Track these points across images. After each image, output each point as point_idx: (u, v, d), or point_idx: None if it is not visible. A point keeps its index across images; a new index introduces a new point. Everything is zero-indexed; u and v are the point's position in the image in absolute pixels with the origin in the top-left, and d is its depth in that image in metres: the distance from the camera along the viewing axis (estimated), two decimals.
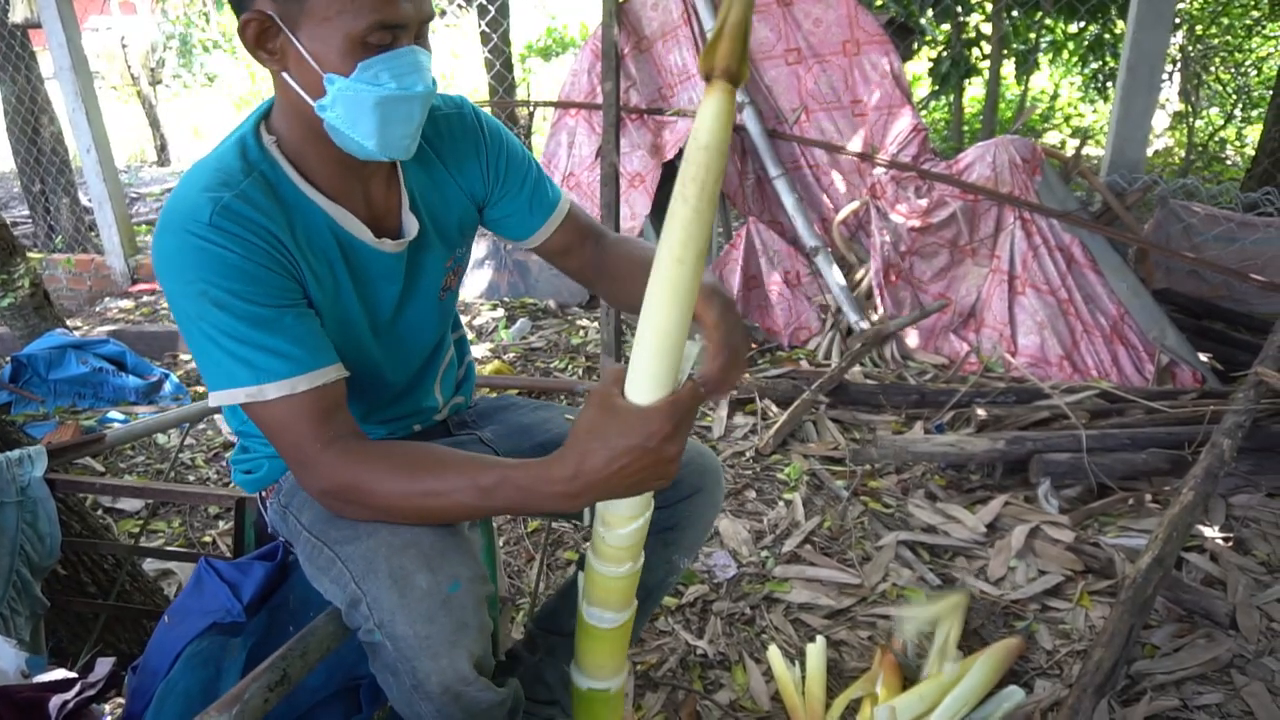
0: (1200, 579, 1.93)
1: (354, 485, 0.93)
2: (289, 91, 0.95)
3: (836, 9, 3.52)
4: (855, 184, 3.64)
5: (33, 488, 1.51)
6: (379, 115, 0.92)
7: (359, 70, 0.90)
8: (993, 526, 2.17)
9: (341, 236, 1.03)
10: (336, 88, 0.91)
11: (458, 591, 0.92)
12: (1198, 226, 3.37)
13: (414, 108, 0.95)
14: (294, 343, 0.93)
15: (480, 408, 1.37)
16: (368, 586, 0.92)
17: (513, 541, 2.15)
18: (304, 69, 0.91)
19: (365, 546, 0.95)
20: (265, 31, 0.91)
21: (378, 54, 0.90)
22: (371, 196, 1.07)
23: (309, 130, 0.98)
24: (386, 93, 0.91)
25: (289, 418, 0.93)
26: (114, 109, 10.55)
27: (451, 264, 1.19)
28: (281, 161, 0.99)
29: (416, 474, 0.93)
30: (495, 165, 1.17)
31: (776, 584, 1.97)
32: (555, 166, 4.09)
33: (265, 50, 0.93)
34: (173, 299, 0.92)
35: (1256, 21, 7.54)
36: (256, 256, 0.92)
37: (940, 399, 2.78)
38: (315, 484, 0.95)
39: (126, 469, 2.65)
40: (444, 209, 1.15)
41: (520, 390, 2.91)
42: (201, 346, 0.92)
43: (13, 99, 5.56)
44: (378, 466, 0.93)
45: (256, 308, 0.91)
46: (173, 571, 2.03)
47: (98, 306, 4.95)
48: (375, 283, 1.08)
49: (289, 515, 1.11)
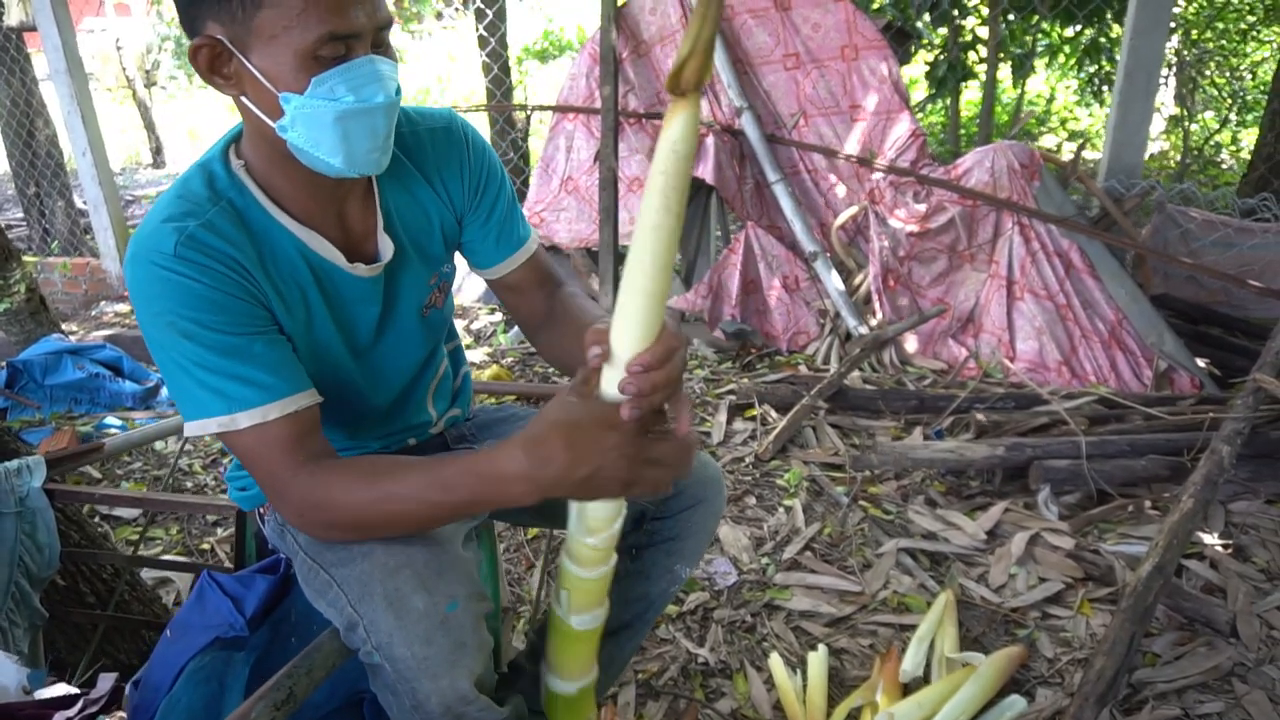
0: (1200, 586, 1.93)
1: (320, 503, 0.93)
2: (250, 115, 0.93)
3: (835, 14, 3.53)
4: (854, 189, 3.64)
5: (31, 498, 1.50)
6: (340, 131, 0.89)
7: (313, 86, 0.86)
8: (993, 533, 2.17)
9: (313, 261, 1.00)
10: (293, 106, 0.87)
11: (455, 611, 0.91)
12: (1195, 232, 3.38)
13: (376, 120, 0.91)
14: (265, 370, 0.92)
15: (479, 420, 1.36)
16: (364, 610, 0.92)
17: (512, 549, 2.15)
18: (259, 91, 0.88)
19: (360, 569, 0.95)
20: (217, 57, 0.88)
21: (332, 67, 0.86)
22: (346, 219, 1.04)
23: (276, 153, 0.95)
24: (344, 107, 0.88)
25: (262, 446, 0.92)
26: (109, 111, 10.52)
27: (435, 281, 1.17)
28: (251, 187, 0.97)
29: (377, 480, 0.92)
30: (476, 182, 1.15)
31: (777, 591, 1.96)
32: (553, 170, 4.09)
33: (220, 76, 0.90)
34: (144, 328, 0.92)
35: (1251, 26, 7.56)
36: (223, 285, 0.90)
37: (939, 404, 2.79)
38: (289, 510, 0.95)
39: (123, 475, 2.65)
40: (425, 225, 1.12)
41: (518, 396, 2.90)
42: (173, 376, 0.92)
43: (7, 102, 5.54)
44: (339, 480, 0.93)
45: (225, 336, 0.90)
46: (171, 579, 2.02)
47: (93, 310, 4.93)
48: (351, 307, 1.06)
49: (286, 534, 1.10)
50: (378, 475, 0.92)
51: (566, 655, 1.09)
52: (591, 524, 0.95)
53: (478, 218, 1.16)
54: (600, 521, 0.94)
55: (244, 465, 0.95)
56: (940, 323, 3.36)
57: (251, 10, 0.83)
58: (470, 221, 1.16)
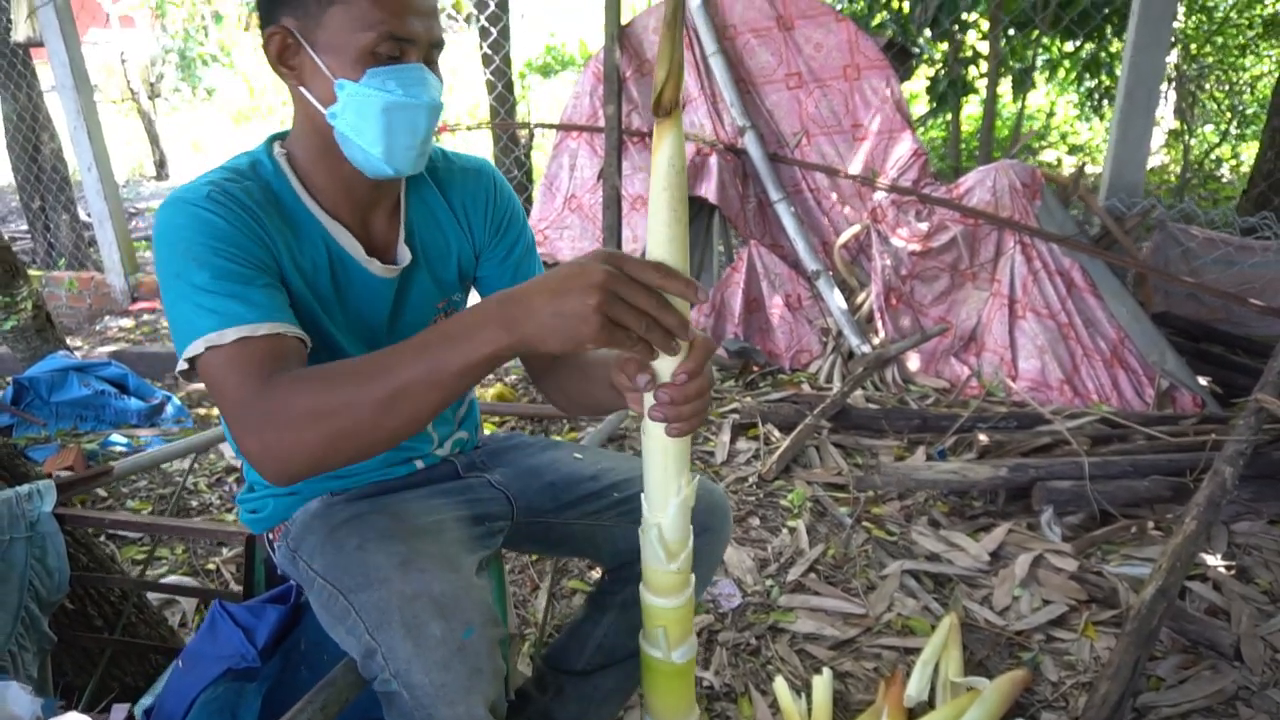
0: (1204, 609, 1.93)
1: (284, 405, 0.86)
2: (305, 104, 1.01)
3: (837, 34, 3.55)
4: (856, 208, 3.66)
5: (42, 522, 1.51)
6: (385, 121, 0.97)
7: (367, 76, 0.96)
8: (996, 555, 2.17)
9: (334, 250, 1.06)
10: (346, 93, 0.96)
11: (471, 637, 0.92)
12: (1196, 250, 3.39)
13: (419, 117, 0.99)
14: (262, 297, 0.94)
15: (489, 448, 1.37)
16: (382, 637, 0.93)
17: (517, 570, 2.15)
18: (318, 79, 0.98)
19: (378, 595, 0.95)
20: (286, 47, 0.98)
21: (387, 65, 0.96)
22: (371, 224, 1.11)
23: (322, 145, 1.03)
24: (393, 99, 0.96)
25: (241, 360, 0.89)
26: (113, 123, 10.56)
27: (445, 306, 1.20)
28: (289, 175, 1.05)
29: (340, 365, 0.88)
30: (499, 222, 1.21)
31: (782, 614, 1.97)
32: (557, 188, 4.11)
33: (285, 65, 1.00)
34: (160, 264, 0.95)
35: (1250, 41, 7.61)
36: (241, 226, 0.96)
37: (942, 424, 2.80)
38: (253, 428, 0.87)
39: (129, 493, 2.65)
40: (443, 249, 1.18)
41: (521, 417, 2.91)
42: (177, 307, 0.93)
43: (14, 116, 5.58)
44: (303, 376, 0.89)
45: (233, 265, 0.94)
46: (178, 601, 2.03)
47: (98, 325, 4.95)
48: (361, 302, 1.11)
49: (299, 560, 1.10)
50: (341, 363, 0.89)
51: (675, 695, 1.08)
52: (672, 547, 0.97)
53: (496, 255, 1.22)
54: (678, 543, 0.97)
55: (217, 392, 0.90)
56: (942, 341, 3.37)
57: (325, 7, 0.95)
58: (488, 258, 1.22)
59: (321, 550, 1.07)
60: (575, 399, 1.19)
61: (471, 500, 1.20)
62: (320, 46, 0.97)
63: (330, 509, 1.13)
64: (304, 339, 0.97)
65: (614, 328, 0.78)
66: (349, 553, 1.02)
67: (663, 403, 0.86)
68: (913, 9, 6.08)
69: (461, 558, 1.04)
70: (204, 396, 3.57)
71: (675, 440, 0.90)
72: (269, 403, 0.86)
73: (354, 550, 1.02)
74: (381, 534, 1.04)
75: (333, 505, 1.14)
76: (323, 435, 0.84)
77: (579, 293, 0.76)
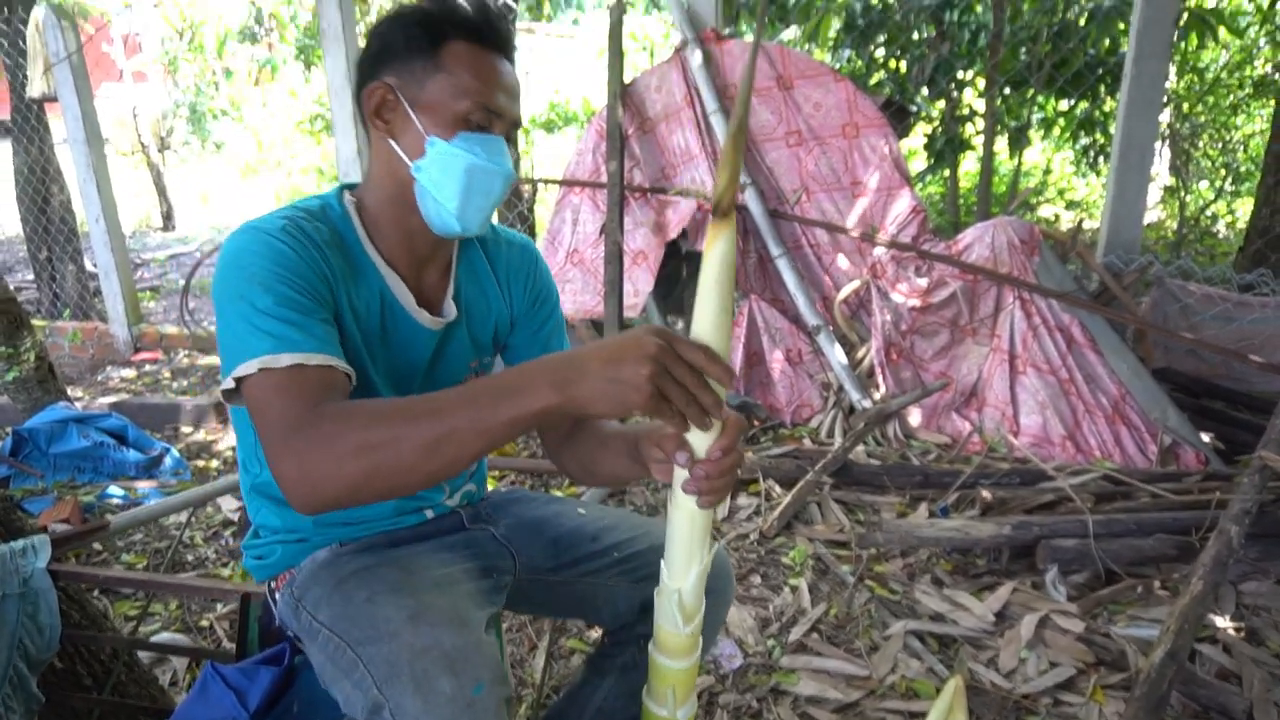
0: (1215, 672, 1.90)
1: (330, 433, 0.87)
2: (389, 156, 1.09)
3: (836, 93, 3.62)
4: (856, 263, 3.69)
5: (35, 579, 1.49)
6: (465, 181, 1.05)
7: (459, 138, 1.05)
8: (1001, 615, 2.14)
9: (387, 297, 1.12)
10: (436, 149, 1.05)
11: (481, 694, 0.91)
12: (1194, 306, 3.41)
13: (495, 182, 1.08)
14: (320, 330, 0.98)
15: (493, 500, 1.37)
16: (390, 691, 0.91)
17: (514, 629, 2.12)
18: (410, 134, 1.06)
19: (387, 649, 0.94)
20: (385, 102, 1.07)
21: (476, 131, 1.06)
22: (424, 277, 1.17)
23: (395, 195, 1.10)
24: (477, 161, 1.05)
25: (293, 385, 0.92)
26: (122, 175, 10.71)
27: (476, 366, 1.26)
28: (356, 222, 1.12)
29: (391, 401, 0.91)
30: (536, 295, 1.29)
31: (784, 675, 1.93)
32: (559, 243, 4.15)
33: (380, 118, 1.08)
34: (222, 285, 0.98)
35: (1241, 101, 7.74)
36: (311, 261, 1.01)
37: (944, 480, 2.78)
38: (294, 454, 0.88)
39: (125, 547, 2.63)
40: (484, 312, 1.25)
41: (520, 472, 2.91)
42: (234, 328, 0.96)
43: (24, 169, 5.66)
44: (353, 405, 0.91)
45: (297, 295, 0.98)
46: (169, 659, 2.00)
47: (99, 375, 4.96)
48: (403, 348, 1.15)
49: (302, 610, 1.10)
50: (391, 400, 0.92)
51: None
52: (689, 611, 1.00)
53: (529, 326, 1.30)
54: (695, 608, 1.01)
55: (261, 412, 0.92)
56: (944, 397, 3.37)
57: (430, 72, 1.05)
58: (522, 327, 1.30)
59: (329, 601, 1.06)
60: (592, 469, 1.21)
61: (478, 554, 1.21)
62: (419, 105, 1.05)
63: (339, 559, 1.13)
64: (351, 375, 1.00)
65: (661, 399, 0.84)
66: (358, 604, 1.02)
67: (698, 477, 0.92)
68: (910, 69, 6.22)
69: (471, 613, 1.04)
70: (203, 449, 3.56)
71: (703, 511, 0.95)
72: (315, 429, 0.88)
73: (363, 602, 1.02)
74: (391, 587, 1.03)
75: (341, 555, 1.14)
76: (364, 467, 0.86)
77: (634, 362, 0.82)
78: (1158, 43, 3.29)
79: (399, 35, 1.06)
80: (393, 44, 1.07)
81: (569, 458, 1.25)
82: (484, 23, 1.07)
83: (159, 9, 11.40)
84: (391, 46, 1.07)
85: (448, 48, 1.05)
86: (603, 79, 3.87)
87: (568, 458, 1.25)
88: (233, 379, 0.94)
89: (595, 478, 1.22)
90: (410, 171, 1.07)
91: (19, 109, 5.49)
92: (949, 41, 5.82)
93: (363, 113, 1.10)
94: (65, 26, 4.67)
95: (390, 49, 1.07)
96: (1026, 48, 5.89)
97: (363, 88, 1.08)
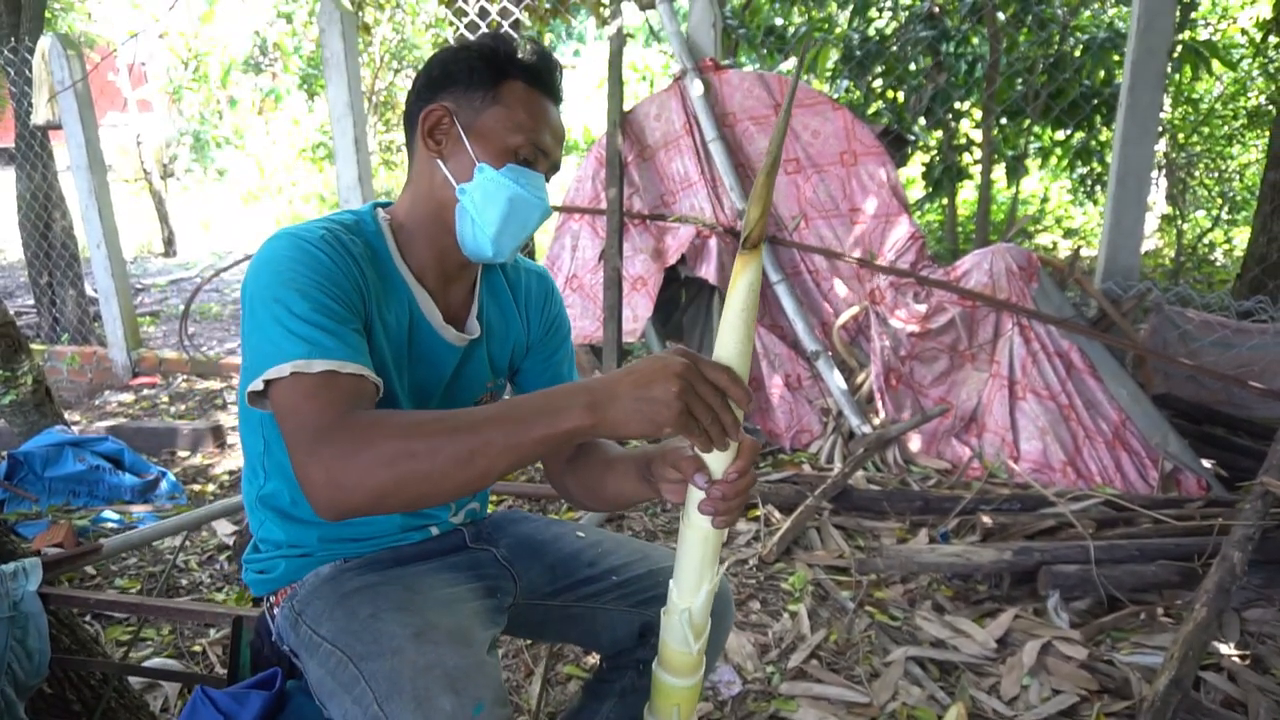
0: (1220, 700, 1.87)
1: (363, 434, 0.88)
2: (434, 178, 1.12)
3: (834, 122, 3.65)
4: (855, 289, 3.69)
5: (26, 602, 1.48)
6: (506, 209, 1.09)
7: (507, 169, 1.10)
8: (1003, 641, 2.12)
9: (415, 312, 1.14)
10: (484, 175, 1.09)
11: (481, 714, 0.90)
12: (1193, 333, 3.41)
13: (533, 214, 1.12)
14: (354, 340, 0.99)
15: (494, 520, 1.37)
16: (391, 708, 0.90)
17: (511, 655, 2.10)
18: (460, 158, 1.10)
19: (389, 665, 0.94)
20: (440, 124, 1.11)
21: (522, 165, 1.11)
22: (450, 295, 1.20)
23: (433, 215, 1.13)
24: (521, 192, 1.10)
25: (324, 391, 0.93)
26: (124, 201, 10.78)
27: (492, 387, 1.28)
28: (389, 238, 1.14)
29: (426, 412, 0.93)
30: (550, 324, 1.33)
31: (783, 702, 1.91)
32: (559, 269, 4.16)
33: (432, 138, 1.12)
34: (257, 287, 0.99)
35: (1236, 131, 7.81)
36: (346, 272, 1.03)
37: (945, 505, 2.76)
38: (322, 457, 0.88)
39: (118, 571, 2.60)
40: (503, 334, 1.28)
41: (519, 496, 2.88)
42: (266, 330, 0.96)
43: (27, 194, 5.69)
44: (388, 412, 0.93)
45: (333, 303, 0.99)
46: (160, 685, 1.97)
47: (97, 399, 4.95)
48: (427, 363, 1.17)
49: (302, 624, 1.09)
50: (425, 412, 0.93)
51: None
52: (698, 627, 1.01)
53: (542, 353, 1.33)
54: (703, 626, 1.01)
55: (290, 415, 0.92)
56: (943, 422, 3.36)
57: (488, 104, 1.10)
58: (535, 354, 1.33)
59: (331, 616, 1.05)
60: (598, 492, 1.20)
61: (481, 574, 1.20)
62: (472, 132, 1.10)
63: (342, 575, 1.13)
64: (380, 386, 1.01)
65: (688, 416, 0.87)
66: (361, 620, 1.01)
67: (714, 497, 0.93)
68: (907, 99, 6.28)
69: (475, 632, 1.03)
70: (199, 473, 3.54)
71: (715, 531, 0.96)
72: (348, 435, 0.89)
73: (367, 618, 1.01)
74: (396, 604, 1.03)
75: (345, 571, 1.14)
76: (395, 475, 0.87)
77: (663, 381, 0.86)
78: (1152, 71, 3.32)
79: (463, 65, 1.11)
80: (455, 73, 1.11)
81: (573, 482, 1.24)
82: (544, 68, 1.13)
83: (164, 39, 11.54)
84: (454, 75, 1.11)
85: (507, 85, 1.11)
86: (603, 108, 3.90)
87: (572, 482, 1.25)
88: (262, 381, 0.94)
89: (600, 501, 1.22)
90: (455, 193, 1.11)
91: (23, 136, 5.54)
92: (945, 72, 5.88)
93: (414, 132, 1.13)
94: (71, 55, 4.72)
95: (452, 77, 1.11)
96: (1023, 78, 5.95)
97: (420, 109, 1.12)
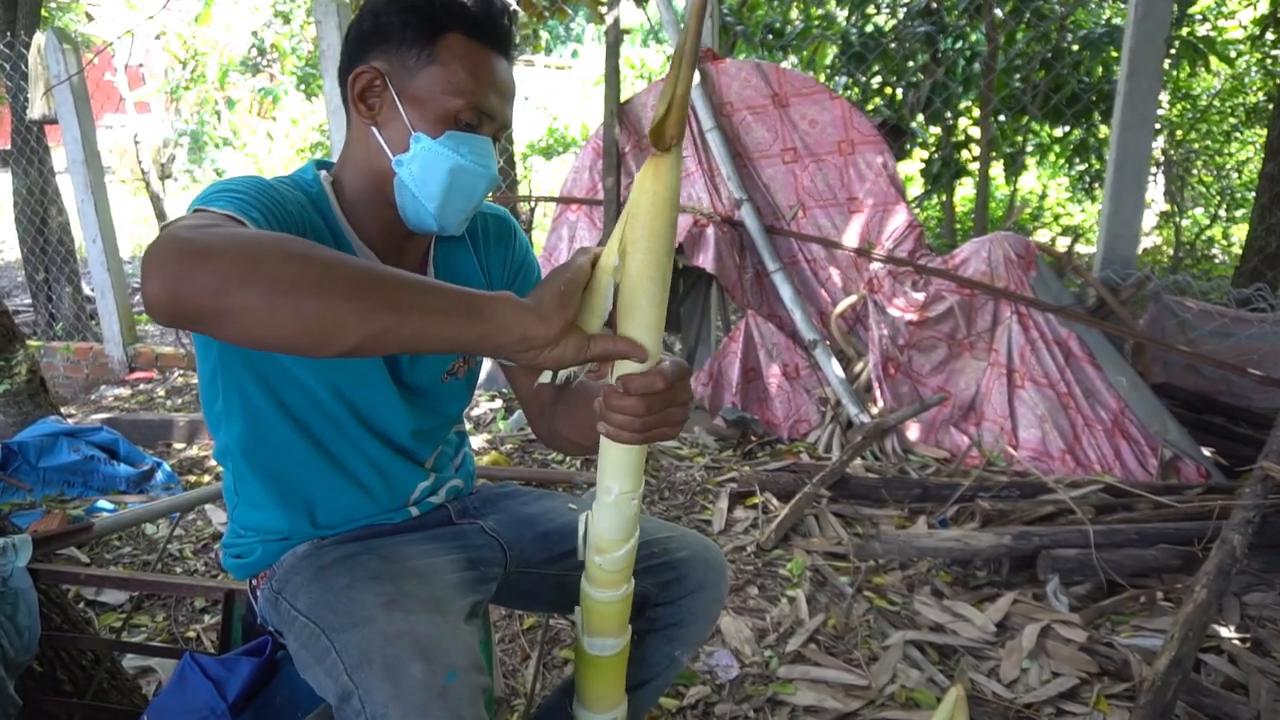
0: (1220, 682, 1.86)
1: (282, 244, 0.75)
2: (370, 145, 1.04)
3: (831, 111, 3.64)
4: (852, 278, 3.68)
5: (15, 578, 1.46)
6: (448, 181, 1.01)
7: (446, 136, 1.00)
8: (1002, 625, 2.10)
9: None
10: (421, 146, 1.00)
11: (454, 682, 0.88)
12: (1192, 322, 3.40)
13: (478, 185, 1.04)
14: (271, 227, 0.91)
15: (482, 495, 1.35)
16: (360, 678, 0.88)
17: (508, 639, 2.08)
18: (395, 126, 1.01)
19: (360, 635, 0.91)
20: (371, 87, 1.02)
21: (464, 131, 1.01)
22: (403, 259, 1.12)
23: (374, 185, 1.05)
24: (463, 162, 1.01)
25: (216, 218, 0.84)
26: (123, 202, 10.76)
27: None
28: (333, 201, 1.07)
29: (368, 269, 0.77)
30: (516, 268, 1.26)
31: (781, 685, 1.89)
32: (556, 259, 4.14)
33: (364, 103, 1.03)
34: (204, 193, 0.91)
35: (1234, 128, 7.81)
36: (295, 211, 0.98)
37: (943, 493, 2.75)
38: (202, 244, 0.73)
39: (112, 560, 2.59)
40: None
41: (518, 481, 2.87)
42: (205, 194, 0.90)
43: (24, 190, 5.67)
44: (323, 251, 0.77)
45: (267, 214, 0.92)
46: (153, 669, 1.95)
47: (94, 394, 4.93)
48: None
49: (281, 601, 1.07)
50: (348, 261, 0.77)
51: (587, 682, 1.12)
52: (600, 544, 0.99)
53: None
54: (608, 543, 0.98)
55: (173, 223, 0.79)
56: (942, 411, 3.35)
57: (424, 64, 1.00)
58: None
59: (307, 588, 1.04)
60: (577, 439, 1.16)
61: (465, 546, 1.18)
62: (407, 97, 1.01)
63: (320, 550, 1.11)
64: None
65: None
66: (336, 591, 0.99)
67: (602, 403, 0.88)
68: (905, 94, 6.26)
69: (451, 601, 1.01)
70: (195, 464, 3.53)
71: (611, 445, 0.91)
72: (242, 239, 0.75)
73: (341, 589, 0.99)
74: (371, 574, 1.01)
75: (323, 547, 1.12)
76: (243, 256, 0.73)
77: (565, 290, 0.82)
78: (1150, 59, 3.31)
79: (395, 19, 1.00)
80: (387, 27, 1.01)
81: (554, 424, 1.20)
82: (486, 17, 1.02)
83: (161, 39, 11.53)
84: (385, 29, 1.01)
85: (445, 39, 1.00)
86: (600, 107, 3.90)
87: (553, 424, 1.20)
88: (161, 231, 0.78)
89: (580, 447, 1.17)
90: (391, 165, 1.02)
91: (19, 132, 5.52)
92: (943, 68, 5.87)
93: (346, 95, 1.04)
94: (67, 49, 4.70)
95: (384, 32, 1.01)
96: (1021, 73, 5.94)
97: (350, 69, 1.03)
